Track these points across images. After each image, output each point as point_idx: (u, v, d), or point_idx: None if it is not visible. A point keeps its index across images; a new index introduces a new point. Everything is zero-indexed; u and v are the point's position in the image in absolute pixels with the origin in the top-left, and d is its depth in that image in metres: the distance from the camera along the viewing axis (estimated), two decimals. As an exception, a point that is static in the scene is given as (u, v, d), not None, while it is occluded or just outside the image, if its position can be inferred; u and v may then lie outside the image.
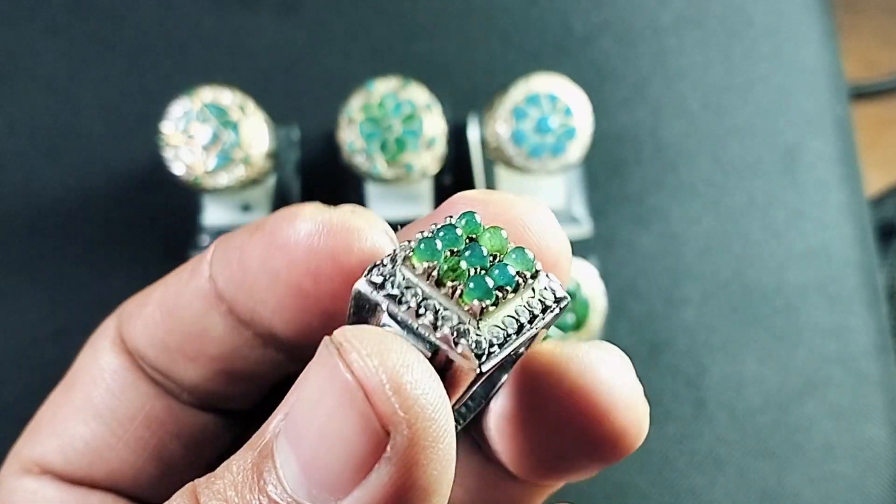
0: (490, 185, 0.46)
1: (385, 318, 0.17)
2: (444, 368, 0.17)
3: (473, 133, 0.46)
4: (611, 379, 0.19)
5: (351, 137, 0.41)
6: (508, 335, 0.17)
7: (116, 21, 0.49)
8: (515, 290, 0.17)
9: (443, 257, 0.17)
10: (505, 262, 0.17)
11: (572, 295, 0.41)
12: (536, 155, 0.42)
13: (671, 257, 0.48)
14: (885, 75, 0.74)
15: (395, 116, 0.41)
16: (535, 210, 0.19)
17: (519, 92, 0.42)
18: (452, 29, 0.50)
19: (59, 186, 0.47)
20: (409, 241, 0.18)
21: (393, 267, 0.17)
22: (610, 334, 0.46)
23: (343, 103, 0.42)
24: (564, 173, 0.45)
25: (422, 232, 0.18)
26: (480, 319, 0.17)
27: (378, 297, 0.17)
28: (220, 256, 0.21)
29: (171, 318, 0.21)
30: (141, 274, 0.24)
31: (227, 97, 0.41)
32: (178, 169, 0.41)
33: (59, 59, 0.48)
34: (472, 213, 0.18)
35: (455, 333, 0.17)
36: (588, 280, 0.42)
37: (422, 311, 0.17)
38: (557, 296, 0.18)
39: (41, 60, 0.48)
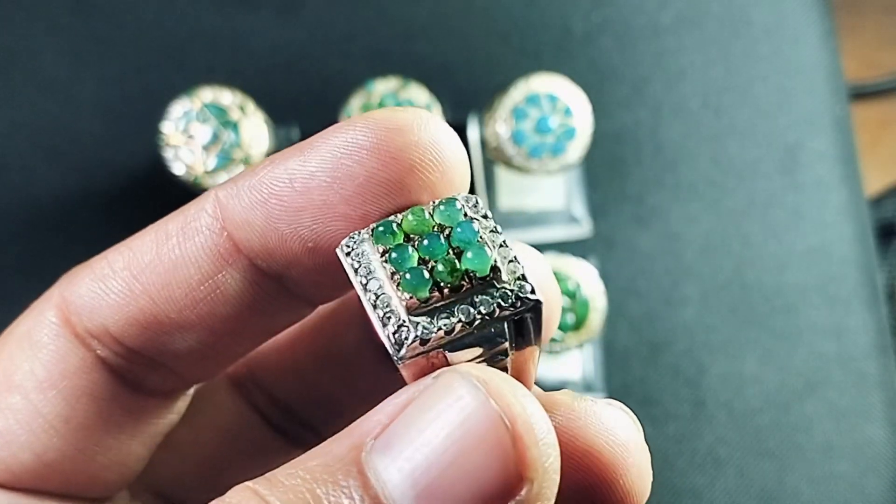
0: (490, 184, 0.46)
1: (454, 355, 0.17)
2: (525, 331, 0.18)
3: (473, 133, 0.46)
4: (627, 442, 0.19)
5: (351, 137, 0.41)
6: (521, 264, 0.18)
7: (116, 21, 0.49)
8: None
9: (427, 273, 0.17)
10: (447, 224, 0.18)
11: (572, 295, 0.41)
12: (536, 155, 0.42)
13: (671, 257, 0.48)
14: (885, 75, 0.74)
15: (395, 116, 0.41)
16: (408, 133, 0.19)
17: (519, 92, 0.42)
18: (452, 29, 0.50)
19: (59, 186, 0.47)
20: (379, 291, 0.17)
21: (403, 321, 0.17)
22: (610, 334, 0.46)
23: (343, 103, 0.42)
24: (564, 173, 0.45)
25: (366, 275, 0.18)
26: (499, 273, 0.17)
27: (435, 341, 0.17)
28: (243, 204, 0.19)
29: (164, 286, 0.20)
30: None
31: (227, 97, 0.41)
32: (178, 169, 0.41)
33: (60, 59, 0.48)
34: (387, 223, 0.18)
35: (510, 298, 0.17)
36: (588, 280, 0.42)
37: (469, 315, 0.17)
38: (487, 212, 0.19)
39: (41, 60, 0.48)
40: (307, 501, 0.16)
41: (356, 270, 0.18)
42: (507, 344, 0.18)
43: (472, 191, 0.20)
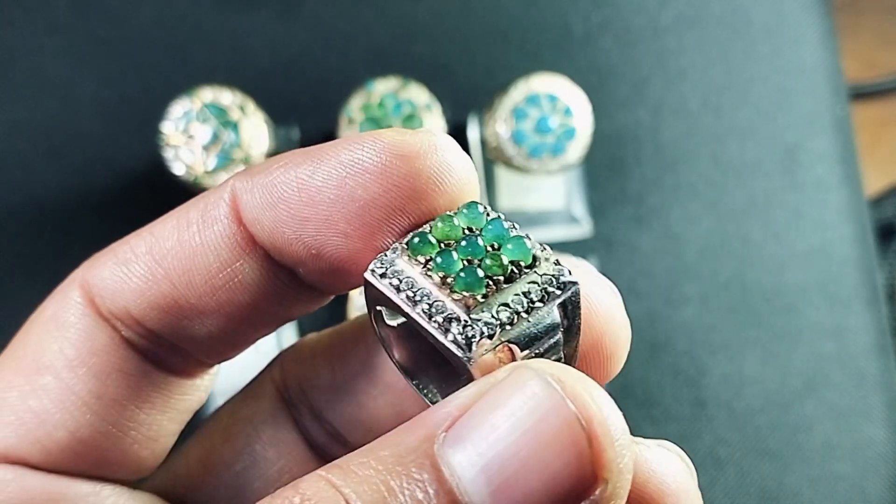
0: (490, 184, 0.46)
1: (517, 349, 0.18)
2: (570, 316, 0.18)
3: (473, 133, 0.46)
4: (678, 492, 0.19)
5: (351, 137, 0.41)
6: (550, 251, 0.19)
7: (116, 21, 0.49)
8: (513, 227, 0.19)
9: (480, 271, 0.18)
10: (475, 226, 0.18)
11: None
12: (536, 155, 0.42)
13: (671, 257, 0.48)
14: (885, 75, 0.74)
15: (395, 116, 0.41)
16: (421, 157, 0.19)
17: (519, 92, 0.42)
18: (452, 29, 0.50)
19: (59, 186, 0.47)
20: (431, 300, 0.18)
21: (466, 321, 0.17)
22: (610, 334, 0.46)
23: (343, 103, 0.42)
24: (564, 173, 0.45)
25: (409, 288, 0.18)
26: (538, 261, 0.18)
27: (500, 334, 0.17)
28: (256, 202, 0.20)
29: (185, 272, 0.20)
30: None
31: (227, 97, 0.41)
32: (178, 169, 0.41)
33: (60, 58, 0.48)
34: (422, 234, 0.18)
35: (555, 283, 0.18)
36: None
37: (524, 304, 0.18)
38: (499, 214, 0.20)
39: (42, 60, 0.48)
40: (381, 493, 0.16)
41: (398, 288, 0.18)
42: (560, 335, 0.18)
43: None
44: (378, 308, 0.19)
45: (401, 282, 0.18)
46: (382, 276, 0.18)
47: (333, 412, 0.23)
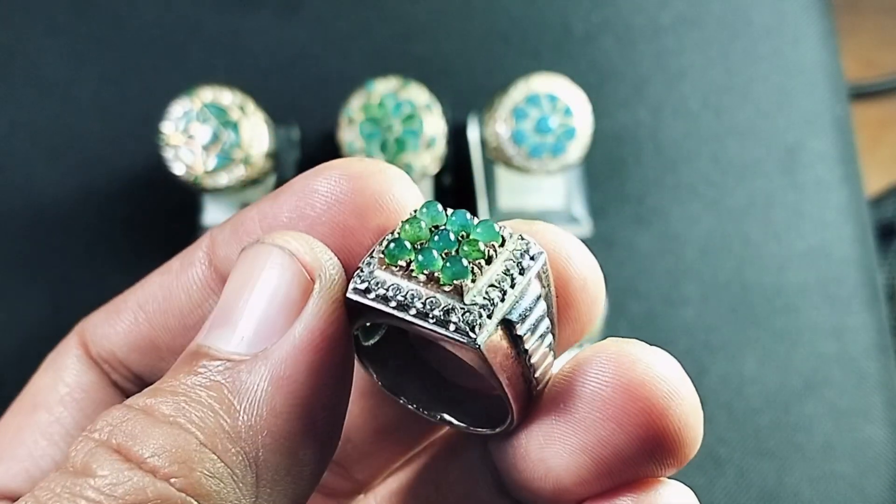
0: (490, 184, 0.46)
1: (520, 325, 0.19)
2: (546, 285, 0.19)
3: (473, 133, 0.46)
4: (679, 377, 0.21)
5: (351, 137, 0.41)
6: (508, 227, 0.19)
7: (116, 21, 0.49)
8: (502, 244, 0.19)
9: (465, 259, 0.18)
10: (439, 223, 0.19)
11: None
12: (536, 155, 0.42)
13: (671, 257, 0.48)
14: (885, 75, 0.74)
15: (394, 116, 0.41)
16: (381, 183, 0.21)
17: (519, 92, 0.42)
18: (452, 29, 0.50)
19: (59, 186, 0.47)
20: (423, 300, 0.18)
21: (463, 308, 0.18)
22: (610, 334, 0.46)
23: (343, 103, 0.42)
24: (564, 173, 0.45)
25: (395, 295, 0.18)
26: (504, 240, 0.19)
27: (497, 313, 0.18)
28: (225, 239, 0.21)
29: (162, 314, 0.22)
30: (140, 274, 0.23)
31: (227, 97, 0.41)
32: (178, 169, 0.41)
33: (59, 59, 0.48)
34: (395, 239, 0.19)
35: (527, 255, 0.19)
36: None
37: (508, 281, 0.18)
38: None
39: (41, 60, 0.48)
40: (170, 388, 0.18)
41: (386, 298, 0.18)
42: (544, 303, 0.19)
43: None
44: (355, 332, 0.19)
45: (387, 290, 0.18)
46: (366, 291, 0.18)
47: None
